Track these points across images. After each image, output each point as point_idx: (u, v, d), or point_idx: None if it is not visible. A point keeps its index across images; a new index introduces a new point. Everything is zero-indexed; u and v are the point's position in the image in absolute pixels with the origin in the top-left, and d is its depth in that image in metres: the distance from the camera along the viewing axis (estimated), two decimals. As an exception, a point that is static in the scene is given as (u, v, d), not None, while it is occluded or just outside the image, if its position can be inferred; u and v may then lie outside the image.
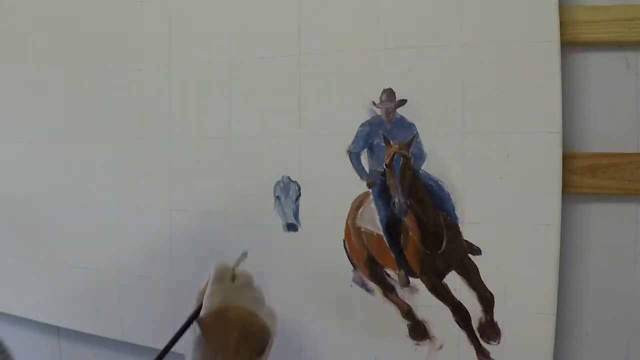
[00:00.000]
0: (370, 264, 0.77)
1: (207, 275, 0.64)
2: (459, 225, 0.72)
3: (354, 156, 0.77)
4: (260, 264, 0.84)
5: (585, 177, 0.68)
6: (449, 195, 0.72)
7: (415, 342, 0.75)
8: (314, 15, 0.79)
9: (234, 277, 0.64)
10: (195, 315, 0.60)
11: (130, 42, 0.93)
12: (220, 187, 0.87)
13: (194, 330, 0.59)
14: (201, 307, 0.60)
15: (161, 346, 0.92)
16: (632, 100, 0.68)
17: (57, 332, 1.10)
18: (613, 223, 0.69)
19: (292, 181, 0.81)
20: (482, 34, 0.70)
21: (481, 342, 0.71)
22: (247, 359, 0.58)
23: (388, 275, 0.77)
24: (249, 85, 0.84)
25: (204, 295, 0.62)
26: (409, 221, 0.74)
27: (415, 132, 0.73)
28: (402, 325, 0.75)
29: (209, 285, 0.62)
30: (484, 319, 0.71)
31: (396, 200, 0.74)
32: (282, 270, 0.83)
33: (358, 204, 0.77)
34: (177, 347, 0.91)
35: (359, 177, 0.77)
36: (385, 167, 0.75)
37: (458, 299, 0.72)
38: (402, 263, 0.75)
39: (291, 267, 0.82)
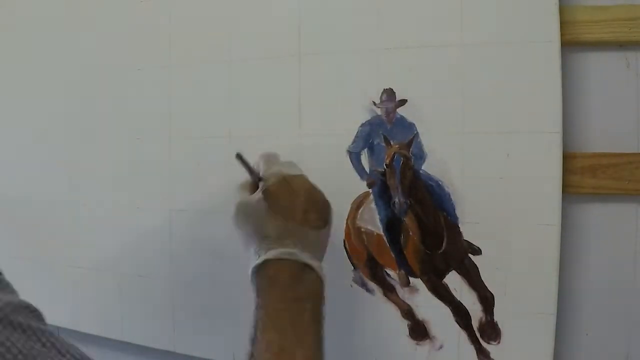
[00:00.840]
0: (371, 264, 0.77)
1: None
2: (459, 225, 0.72)
3: (354, 156, 0.77)
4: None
5: (585, 177, 0.68)
6: (449, 195, 0.72)
7: (415, 342, 0.75)
8: (314, 15, 0.79)
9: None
10: (258, 177, 0.59)
11: (130, 42, 0.93)
12: (220, 187, 0.87)
13: (259, 204, 0.58)
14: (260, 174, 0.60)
15: (161, 346, 0.93)
16: (632, 100, 0.68)
17: (57, 332, 1.09)
18: (613, 223, 0.69)
19: (292, 181, 0.81)
20: (482, 34, 0.70)
21: (481, 342, 0.71)
22: (315, 227, 0.58)
23: (388, 275, 0.77)
24: (249, 85, 0.84)
25: (245, 187, 0.62)
26: (409, 221, 0.74)
27: (415, 132, 0.73)
28: (402, 325, 0.75)
29: (262, 165, 0.63)
30: (484, 319, 0.71)
31: (396, 200, 0.74)
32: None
33: (358, 204, 0.77)
34: (178, 347, 0.91)
35: (359, 177, 0.77)
36: (385, 167, 0.75)
37: (458, 299, 0.72)
38: (402, 263, 0.75)
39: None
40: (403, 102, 0.74)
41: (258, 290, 0.56)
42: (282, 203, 0.58)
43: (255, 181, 0.63)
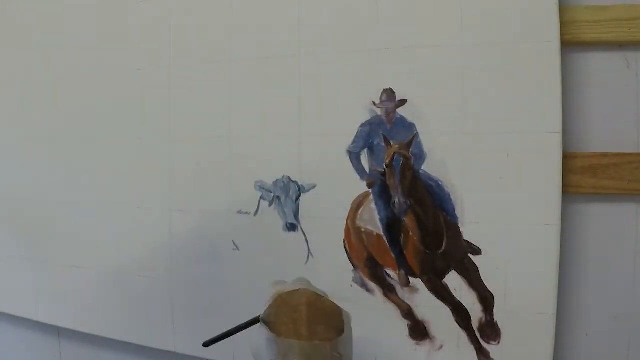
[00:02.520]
0: (371, 264, 0.77)
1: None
2: (459, 225, 0.72)
3: (354, 156, 0.77)
4: (260, 263, 0.85)
5: (585, 177, 0.68)
6: (449, 195, 0.72)
7: (415, 342, 0.75)
8: (314, 15, 0.79)
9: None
10: (256, 319, 0.56)
11: (130, 42, 0.93)
12: (220, 187, 0.87)
13: (261, 332, 0.54)
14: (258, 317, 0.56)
15: (161, 346, 0.93)
16: (632, 100, 0.68)
17: (57, 332, 1.10)
18: (613, 223, 0.69)
19: (292, 181, 0.81)
20: (482, 34, 0.70)
21: (481, 342, 0.71)
22: (326, 339, 0.53)
23: (388, 275, 0.77)
24: (249, 85, 0.84)
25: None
26: (409, 221, 0.74)
27: (415, 132, 0.73)
28: (402, 325, 0.75)
29: (270, 293, 0.59)
30: (484, 319, 0.71)
31: (396, 200, 0.74)
32: (282, 270, 0.82)
33: (358, 204, 0.77)
34: (178, 347, 0.91)
35: (359, 177, 0.77)
36: (385, 167, 0.75)
37: (458, 299, 0.72)
38: (402, 263, 0.75)
39: (291, 266, 0.82)
40: (403, 102, 0.74)
41: None
42: (282, 323, 0.54)
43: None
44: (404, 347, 0.75)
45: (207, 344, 0.56)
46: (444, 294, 0.73)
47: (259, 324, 0.55)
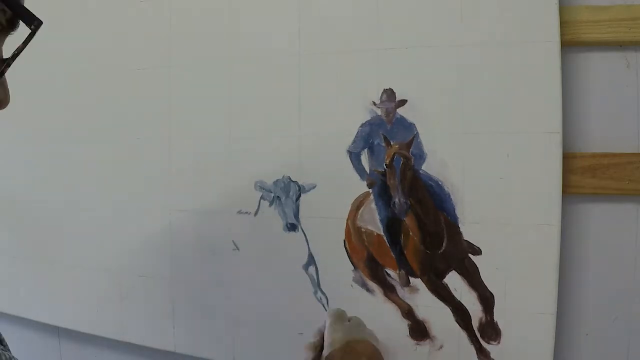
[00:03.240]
0: (371, 264, 0.77)
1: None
2: (459, 225, 0.72)
3: (354, 156, 0.77)
4: (261, 263, 0.85)
5: (585, 177, 0.68)
6: (449, 196, 0.72)
7: (415, 342, 0.75)
8: (314, 15, 0.79)
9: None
10: (318, 357, 0.60)
11: (130, 42, 0.93)
12: (220, 187, 0.87)
13: None
14: (321, 352, 0.60)
15: (161, 346, 0.93)
16: (632, 100, 0.68)
17: (57, 332, 1.10)
18: (613, 223, 0.69)
19: (292, 181, 0.81)
20: (482, 34, 0.70)
21: (481, 342, 0.71)
22: None
23: (388, 275, 0.77)
24: (249, 85, 0.84)
25: (312, 347, 0.62)
26: (409, 221, 0.74)
27: (415, 132, 0.73)
28: (403, 325, 0.75)
29: (327, 327, 0.62)
30: (484, 319, 0.71)
31: (396, 200, 0.74)
32: (282, 270, 0.83)
33: (358, 204, 0.77)
34: (178, 347, 0.91)
35: (359, 177, 0.77)
36: (385, 167, 0.75)
37: (458, 299, 0.72)
38: (402, 263, 0.75)
39: (291, 266, 0.82)
40: (403, 102, 0.74)
41: None
42: None
43: (321, 344, 0.63)
44: (404, 347, 0.75)
45: None
46: (444, 294, 0.73)
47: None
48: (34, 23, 0.54)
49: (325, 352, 0.59)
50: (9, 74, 0.55)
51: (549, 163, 0.67)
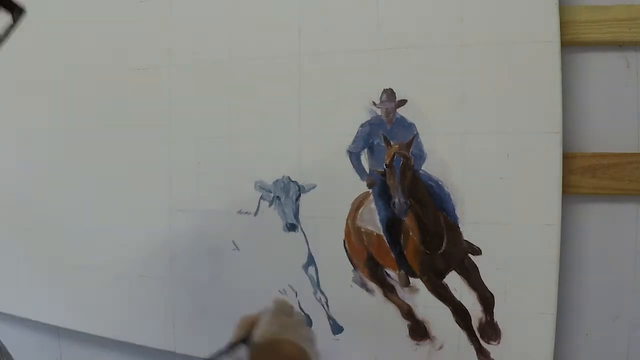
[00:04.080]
0: (371, 264, 0.77)
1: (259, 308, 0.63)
2: (459, 226, 0.72)
3: (354, 156, 0.77)
4: (260, 263, 0.85)
5: (585, 177, 0.68)
6: (449, 196, 0.72)
7: (415, 342, 0.75)
8: (314, 15, 0.79)
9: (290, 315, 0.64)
10: (244, 339, 0.59)
11: (130, 42, 0.93)
12: (220, 187, 0.87)
13: (244, 354, 0.58)
14: (249, 335, 0.59)
15: (161, 346, 0.93)
16: (632, 100, 0.68)
17: (57, 332, 1.10)
18: (613, 223, 0.69)
19: (292, 181, 0.81)
20: (482, 34, 0.70)
21: (481, 342, 0.71)
22: None
23: (388, 275, 0.77)
24: (249, 85, 0.84)
25: (248, 322, 0.61)
26: (409, 221, 0.74)
27: (415, 132, 0.73)
28: (403, 325, 0.75)
29: (267, 315, 0.62)
30: (484, 319, 0.71)
31: (396, 200, 0.74)
32: (282, 270, 0.83)
33: (358, 204, 0.77)
34: (178, 347, 0.91)
35: (359, 177, 0.77)
36: (385, 167, 0.75)
37: (458, 299, 0.72)
38: (402, 263, 0.75)
39: (291, 266, 0.82)
40: (403, 102, 0.74)
41: None
42: None
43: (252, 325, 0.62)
44: (404, 347, 0.75)
45: None
46: (444, 294, 0.73)
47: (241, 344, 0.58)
48: (15, 10, 0.52)
49: (253, 338, 0.59)
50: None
51: (549, 163, 0.67)
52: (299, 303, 0.82)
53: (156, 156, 0.91)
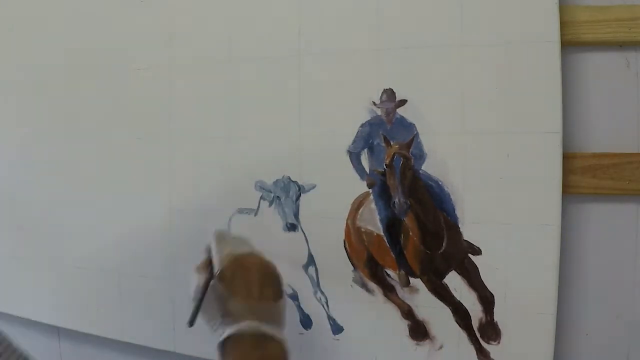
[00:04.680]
0: (371, 264, 0.77)
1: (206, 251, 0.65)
2: (459, 225, 0.72)
3: (354, 156, 0.77)
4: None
5: (585, 177, 0.68)
6: (449, 196, 0.72)
7: (415, 342, 0.75)
8: (314, 15, 0.79)
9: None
10: (211, 276, 0.60)
11: (130, 42, 0.93)
12: (220, 187, 0.87)
13: (215, 288, 0.59)
14: (211, 271, 0.61)
15: (161, 346, 0.93)
16: (632, 100, 0.68)
17: (57, 332, 1.10)
18: (613, 223, 0.69)
19: (292, 181, 0.81)
20: (482, 34, 0.70)
21: (481, 342, 0.71)
22: (272, 301, 0.59)
23: (388, 275, 0.77)
24: (249, 85, 0.84)
25: (204, 263, 0.63)
26: (409, 221, 0.74)
27: (415, 132, 0.73)
28: (403, 325, 0.75)
29: (213, 247, 0.63)
30: (484, 319, 0.71)
31: (396, 200, 0.74)
32: (282, 270, 0.82)
33: (358, 204, 0.77)
34: (178, 347, 0.91)
35: (359, 177, 0.77)
36: (385, 167, 0.75)
37: (458, 299, 0.72)
38: (402, 263, 0.75)
39: (291, 266, 0.82)
40: (403, 102, 0.74)
41: None
42: (237, 283, 0.59)
43: (210, 263, 0.63)
44: (404, 347, 0.75)
45: (191, 323, 0.60)
46: (444, 294, 0.73)
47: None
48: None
49: (216, 271, 0.60)
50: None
51: (549, 163, 0.67)
52: (299, 304, 0.82)
53: (156, 156, 0.91)
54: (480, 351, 0.71)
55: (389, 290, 0.76)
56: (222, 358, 0.57)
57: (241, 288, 0.58)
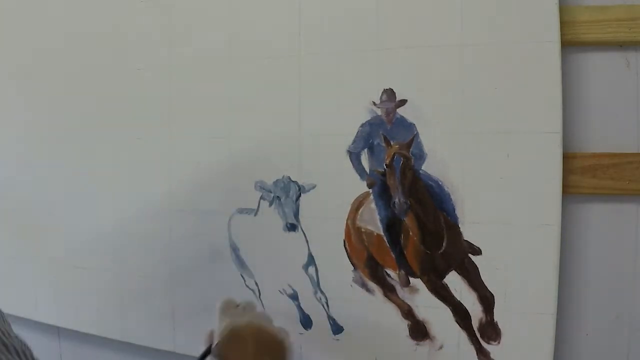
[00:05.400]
0: (371, 264, 0.77)
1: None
2: (459, 225, 0.72)
3: (354, 156, 0.77)
4: (260, 263, 0.85)
5: (585, 177, 0.68)
6: (449, 196, 0.72)
7: (415, 342, 0.75)
8: (314, 15, 0.79)
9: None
10: (208, 350, 0.60)
11: (130, 42, 0.93)
12: (220, 187, 0.87)
13: None
14: (212, 344, 0.61)
15: (161, 346, 0.93)
16: (632, 100, 0.68)
17: (57, 332, 1.10)
18: (613, 223, 0.69)
19: (292, 181, 0.81)
20: (482, 34, 0.70)
21: (481, 342, 0.71)
22: None
23: (388, 275, 0.77)
24: (249, 85, 0.84)
25: (208, 335, 0.63)
26: (409, 221, 0.74)
27: (415, 132, 0.73)
28: (403, 325, 0.75)
29: (217, 318, 0.63)
30: (484, 319, 0.71)
31: (396, 200, 0.74)
32: (282, 270, 0.83)
33: (358, 204, 0.77)
34: (178, 347, 0.91)
35: (359, 177, 0.77)
36: (385, 167, 0.75)
37: (458, 299, 0.72)
38: (402, 263, 0.75)
39: (291, 267, 0.82)
40: (403, 102, 0.74)
41: None
42: (232, 356, 0.59)
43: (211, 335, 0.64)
44: (404, 347, 0.75)
45: None
46: (444, 294, 0.73)
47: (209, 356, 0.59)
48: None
49: (213, 345, 0.60)
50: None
51: (549, 163, 0.67)
52: (299, 304, 0.82)
53: (156, 156, 0.91)
54: (480, 351, 0.71)
55: (389, 290, 0.76)
56: None
57: (237, 359, 0.58)
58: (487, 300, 0.71)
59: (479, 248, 0.71)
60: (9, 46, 1.07)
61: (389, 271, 0.77)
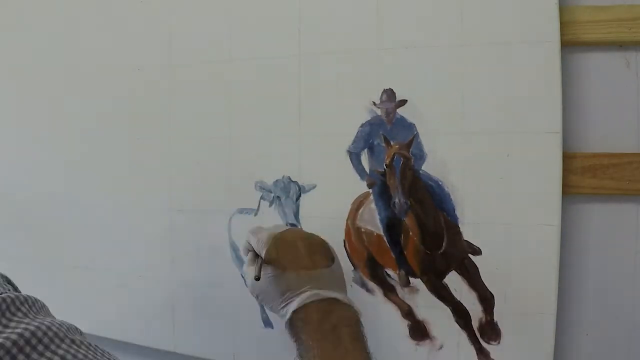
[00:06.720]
0: (371, 264, 0.77)
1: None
2: (459, 226, 0.72)
3: (354, 156, 0.77)
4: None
5: (585, 177, 0.68)
6: (449, 196, 0.72)
7: (415, 342, 0.75)
8: (314, 15, 0.79)
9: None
10: (262, 260, 0.61)
11: (130, 42, 0.93)
12: (220, 187, 0.87)
13: (267, 273, 0.59)
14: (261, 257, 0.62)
15: (161, 346, 0.93)
16: (632, 100, 0.68)
17: (57, 332, 1.10)
18: (613, 223, 0.69)
19: (292, 181, 0.81)
20: (482, 34, 0.70)
21: (481, 342, 0.71)
22: (325, 266, 0.60)
23: (388, 275, 0.77)
24: (249, 85, 0.84)
25: (251, 261, 0.63)
26: (409, 221, 0.74)
27: (415, 132, 0.73)
28: (403, 325, 0.75)
29: (252, 241, 0.64)
30: (484, 319, 0.71)
31: (396, 200, 0.74)
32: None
33: (358, 204, 0.77)
34: (178, 347, 0.91)
35: (359, 177, 0.77)
36: (385, 167, 0.75)
37: (458, 299, 0.72)
38: (402, 263, 0.75)
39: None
40: (403, 102, 0.74)
41: (296, 337, 0.56)
42: (285, 258, 0.60)
43: (255, 255, 0.64)
44: (404, 347, 0.75)
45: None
46: (444, 294, 0.73)
47: (260, 265, 0.60)
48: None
49: (263, 255, 0.61)
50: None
51: (549, 163, 0.67)
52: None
53: (156, 156, 0.91)
54: (480, 351, 0.71)
55: (389, 290, 0.76)
56: (294, 336, 0.56)
57: (291, 261, 0.59)
58: (487, 300, 0.71)
59: (479, 248, 0.71)
60: (9, 46, 1.07)
61: (389, 271, 0.77)
